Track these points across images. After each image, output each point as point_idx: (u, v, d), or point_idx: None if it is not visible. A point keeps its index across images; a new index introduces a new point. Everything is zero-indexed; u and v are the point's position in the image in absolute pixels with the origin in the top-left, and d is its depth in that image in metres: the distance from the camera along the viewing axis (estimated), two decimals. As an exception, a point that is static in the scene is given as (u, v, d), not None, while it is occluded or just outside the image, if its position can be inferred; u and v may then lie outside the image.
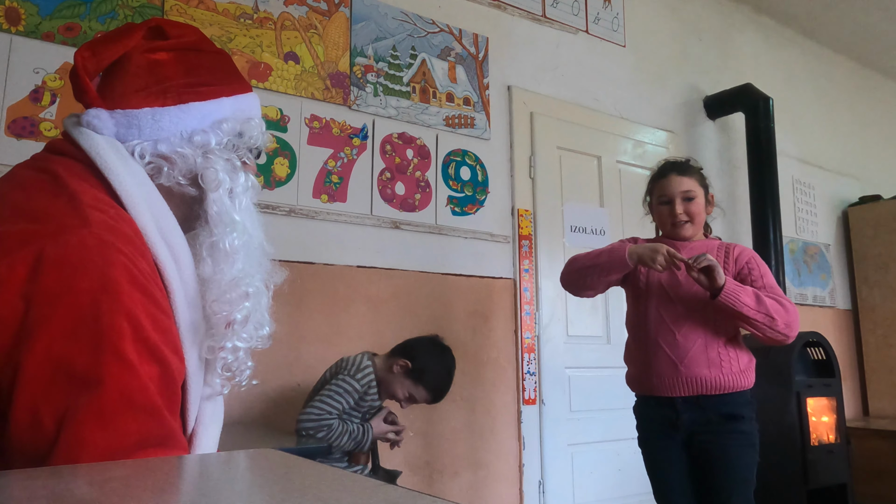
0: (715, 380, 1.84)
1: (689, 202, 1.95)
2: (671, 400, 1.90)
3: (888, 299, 4.40)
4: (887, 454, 3.80)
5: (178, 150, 0.86)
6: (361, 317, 2.46)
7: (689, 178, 1.97)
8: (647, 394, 1.98)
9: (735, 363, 1.86)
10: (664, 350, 1.89)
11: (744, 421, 1.86)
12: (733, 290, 1.77)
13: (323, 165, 2.45)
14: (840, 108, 4.91)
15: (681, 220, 1.95)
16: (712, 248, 1.95)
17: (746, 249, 1.97)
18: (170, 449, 0.70)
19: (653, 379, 1.92)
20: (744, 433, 1.85)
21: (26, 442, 0.64)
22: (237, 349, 0.86)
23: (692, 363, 1.85)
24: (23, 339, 0.65)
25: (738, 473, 1.83)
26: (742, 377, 1.87)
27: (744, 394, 1.88)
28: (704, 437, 1.87)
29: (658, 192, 2.01)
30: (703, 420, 1.86)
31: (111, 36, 0.87)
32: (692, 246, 1.96)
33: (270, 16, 2.42)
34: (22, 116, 1.95)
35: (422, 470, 2.53)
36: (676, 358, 1.87)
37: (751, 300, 1.78)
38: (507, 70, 3.06)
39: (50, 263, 0.67)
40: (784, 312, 1.80)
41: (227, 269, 0.85)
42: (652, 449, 1.99)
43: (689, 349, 1.86)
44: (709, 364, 1.85)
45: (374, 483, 0.51)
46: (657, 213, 2.03)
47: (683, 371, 1.86)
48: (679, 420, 1.89)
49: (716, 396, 1.85)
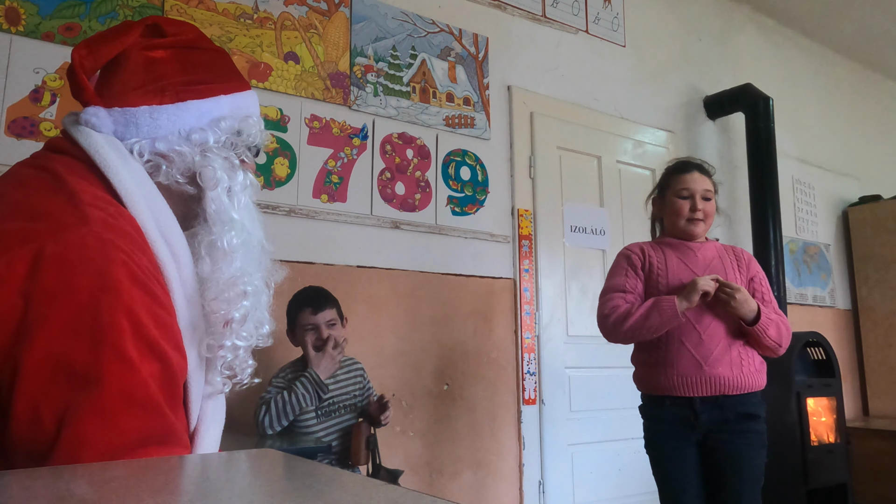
0: (736, 379, 1.86)
1: (708, 202, 2.01)
2: (690, 400, 1.88)
3: (888, 299, 4.40)
4: (887, 454, 3.80)
5: (176, 148, 0.86)
6: (361, 317, 2.46)
7: (710, 179, 2.05)
8: (661, 394, 1.93)
9: (752, 363, 1.90)
10: (688, 349, 1.88)
11: (759, 420, 1.89)
12: (766, 322, 1.85)
13: (323, 165, 2.45)
14: (840, 108, 4.91)
15: (699, 216, 1.99)
16: (720, 250, 2.01)
17: (753, 258, 2.05)
18: (171, 446, 0.70)
19: (673, 378, 1.89)
20: (758, 433, 1.89)
21: (27, 440, 0.64)
22: (237, 347, 0.86)
23: (716, 363, 1.87)
24: (22, 337, 0.65)
25: (750, 473, 1.85)
26: (758, 377, 1.91)
27: (758, 394, 1.92)
28: (720, 436, 1.88)
29: (679, 186, 2.01)
30: (720, 420, 1.87)
31: (108, 33, 0.87)
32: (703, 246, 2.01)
33: (270, 16, 2.42)
34: (22, 116, 1.95)
35: (422, 470, 2.53)
36: (701, 357, 1.87)
37: (774, 332, 1.87)
38: (507, 70, 3.06)
39: (49, 261, 0.67)
40: (786, 335, 1.90)
41: (226, 267, 0.85)
42: (664, 450, 1.95)
43: (714, 349, 1.87)
44: (731, 364, 1.87)
45: (375, 483, 0.51)
46: (673, 207, 2.01)
47: (707, 370, 1.86)
48: (697, 420, 1.88)
49: (734, 396, 1.87)
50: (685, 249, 2.00)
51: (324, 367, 1.91)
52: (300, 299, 1.99)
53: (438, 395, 2.63)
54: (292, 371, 2.00)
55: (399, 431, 2.49)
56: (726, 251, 2.02)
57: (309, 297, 1.99)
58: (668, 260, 1.98)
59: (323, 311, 1.97)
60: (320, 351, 1.94)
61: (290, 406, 1.85)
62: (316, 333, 1.96)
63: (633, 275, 2.00)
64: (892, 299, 4.38)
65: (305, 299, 1.99)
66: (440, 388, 2.64)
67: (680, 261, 1.98)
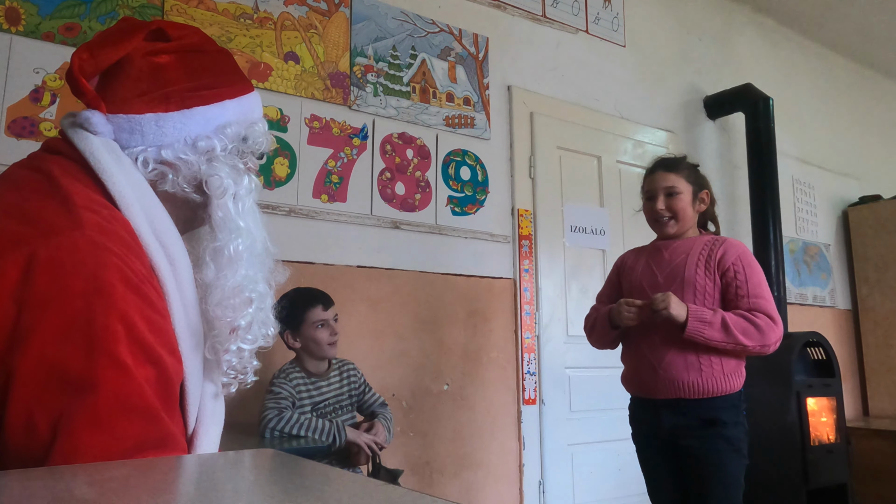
0: (693, 383, 1.82)
1: (672, 198, 1.93)
2: (653, 402, 1.92)
3: (888, 299, 4.40)
4: (887, 454, 3.80)
5: (182, 156, 0.85)
6: (361, 317, 2.46)
7: (676, 174, 1.95)
8: (634, 395, 2.02)
9: (718, 367, 1.82)
10: (644, 353, 1.92)
11: (725, 426, 1.81)
12: (696, 327, 1.77)
13: (323, 165, 2.45)
14: (840, 108, 4.91)
15: (661, 216, 1.95)
16: (698, 246, 1.92)
17: (735, 248, 1.89)
18: (167, 451, 0.69)
19: (635, 381, 1.98)
20: (724, 438, 1.81)
21: (22, 447, 0.63)
22: (242, 351, 0.86)
23: (670, 366, 1.85)
24: (15, 343, 0.64)
25: (720, 479, 1.80)
26: (726, 381, 1.83)
27: (728, 398, 1.84)
28: (685, 441, 1.86)
29: (644, 188, 2.03)
30: (683, 424, 1.85)
31: (111, 37, 0.85)
32: (675, 245, 1.96)
33: (270, 16, 2.42)
34: (22, 116, 1.95)
35: (422, 470, 2.53)
36: (655, 361, 1.88)
37: (717, 333, 1.77)
38: (507, 70, 3.06)
39: (42, 266, 0.66)
40: (757, 334, 1.77)
41: (231, 274, 0.85)
42: (640, 448, 2.02)
43: (667, 352, 1.86)
44: (687, 367, 1.83)
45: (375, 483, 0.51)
46: (643, 210, 2.04)
47: (662, 374, 1.86)
48: (661, 423, 1.89)
49: (695, 400, 1.83)
50: (656, 250, 2.00)
51: (350, 438, 1.91)
52: (306, 298, 2.02)
53: (438, 395, 2.63)
54: (294, 371, 2.00)
55: (399, 431, 2.48)
56: (705, 246, 1.90)
57: (314, 296, 2.04)
58: (637, 263, 2.02)
59: (331, 306, 2.04)
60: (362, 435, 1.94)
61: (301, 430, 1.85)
62: (328, 329, 2.00)
63: (611, 284, 2.12)
64: (892, 299, 4.38)
65: (311, 298, 2.03)
66: (440, 388, 2.64)
67: (647, 263, 1.99)
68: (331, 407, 2.01)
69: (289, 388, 1.94)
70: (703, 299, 1.86)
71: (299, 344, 2.00)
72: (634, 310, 1.86)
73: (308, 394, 1.98)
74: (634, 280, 1.99)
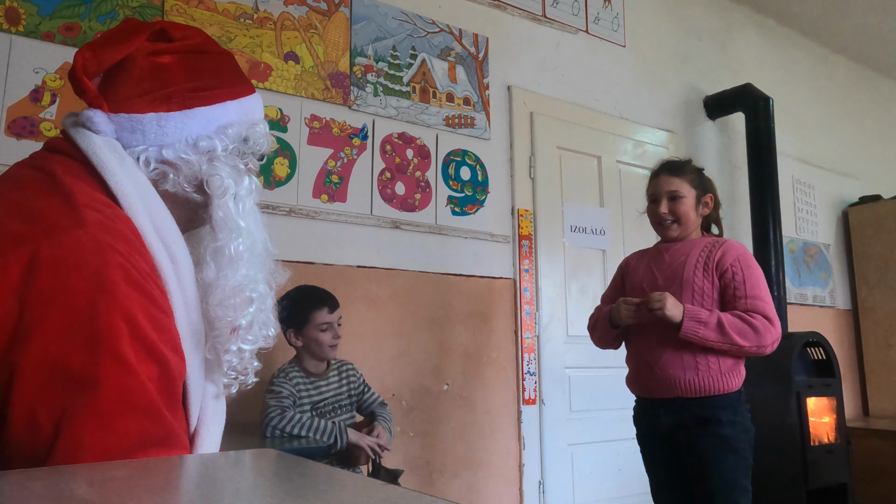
0: (690, 382, 1.84)
1: (675, 202, 1.96)
2: (652, 401, 1.94)
3: (888, 299, 4.40)
4: (887, 454, 3.80)
5: (183, 156, 0.86)
6: (361, 317, 2.46)
7: (680, 178, 1.97)
8: (637, 395, 2.04)
9: (715, 366, 1.83)
10: (642, 353, 1.94)
11: (720, 424, 1.81)
12: (691, 327, 1.79)
13: (323, 165, 2.45)
14: (840, 108, 4.91)
15: (664, 219, 1.97)
16: (698, 248, 1.93)
17: (734, 249, 1.90)
18: (170, 449, 0.69)
19: (635, 380, 2.01)
20: (719, 437, 1.81)
21: (24, 444, 0.64)
22: (242, 351, 0.86)
23: (667, 365, 1.87)
24: (18, 340, 0.64)
25: (717, 479, 1.81)
26: (724, 380, 1.83)
27: (725, 397, 1.84)
28: (682, 439, 1.88)
29: (649, 191, 2.06)
30: (680, 423, 1.87)
31: (114, 37, 0.86)
32: (676, 248, 1.98)
33: (270, 16, 2.42)
34: (22, 116, 1.95)
35: (422, 470, 2.53)
36: (652, 360, 1.90)
37: (712, 333, 1.78)
38: (507, 70, 3.06)
39: (44, 264, 0.67)
40: (753, 335, 1.78)
41: (231, 274, 0.85)
42: (643, 448, 2.03)
43: (664, 352, 1.87)
44: (683, 367, 1.85)
45: (375, 483, 0.51)
46: (647, 212, 2.07)
47: (659, 373, 1.88)
48: (659, 422, 1.92)
49: (693, 399, 1.85)
50: (658, 253, 2.03)
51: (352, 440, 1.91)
52: (312, 299, 2.01)
53: (438, 395, 2.63)
54: (293, 371, 2.00)
55: (399, 431, 2.49)
56: (705, 248, 1.92)
57: (320, 297, 2.03)
58: (640, 265, 2.06)
59: (336, 309, 2.03)
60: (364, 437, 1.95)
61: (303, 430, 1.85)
62: (332, 332, 2.00)
63: (615, 285, 2.15)
64: (892, 299, 4.38)
65: (317, 300, 2.02)
66: (440, 388, 2.64)
67: (649, 265, 2.02)
68: (330, 406, 2.01)
69: (289, 388, 1.94)
70: (702, 300, 1.87)
71: (301, 343, 2.00)
72: (632, 308, 1.88)
73: (307, 393, 1.98)
74: (636, 281, 2.02)
